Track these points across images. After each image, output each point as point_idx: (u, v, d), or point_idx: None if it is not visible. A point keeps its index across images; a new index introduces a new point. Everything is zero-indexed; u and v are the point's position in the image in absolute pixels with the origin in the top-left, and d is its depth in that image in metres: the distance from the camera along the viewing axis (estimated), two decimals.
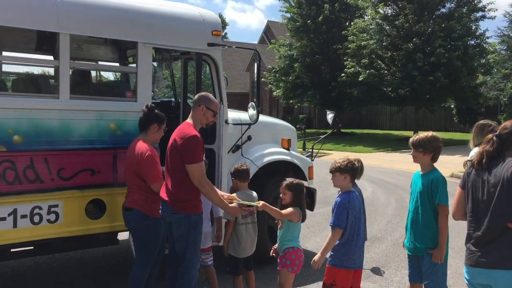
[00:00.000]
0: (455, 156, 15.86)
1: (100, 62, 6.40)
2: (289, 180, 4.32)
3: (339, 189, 4.04)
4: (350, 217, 3.89)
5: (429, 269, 3.92)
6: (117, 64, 6.52)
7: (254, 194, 4.75)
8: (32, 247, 4.71)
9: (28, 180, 4.34)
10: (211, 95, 4.23)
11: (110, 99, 5.05)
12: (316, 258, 3.88)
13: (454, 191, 3.31)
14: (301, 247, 4.38)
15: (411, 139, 4.07)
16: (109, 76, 8.47)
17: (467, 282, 3.12)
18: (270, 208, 4.18)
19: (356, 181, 4.19)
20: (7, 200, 4.25)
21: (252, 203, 4.24)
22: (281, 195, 4.29)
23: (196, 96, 4.18)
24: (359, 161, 4.15)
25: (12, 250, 4.59)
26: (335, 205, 3.94)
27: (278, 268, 4.33)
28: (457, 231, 6.56)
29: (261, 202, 4.17)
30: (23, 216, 4.34)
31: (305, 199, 4.38)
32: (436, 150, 3.99)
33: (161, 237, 4.41)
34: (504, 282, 2.89)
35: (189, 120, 4.08)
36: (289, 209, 4.19)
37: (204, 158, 3.97)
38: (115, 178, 4.79)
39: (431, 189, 3.89)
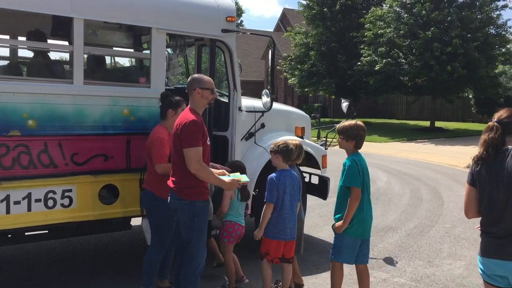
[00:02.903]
0: (470, 147, 15.66)
1: (114, 48, 6.40)
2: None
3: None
4: (280, 193, 4.45)
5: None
6: (131, 50, 6.51)
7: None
8: (46, 231, 4.77)
9: (42, 164, 4.38)
10: (201, 75, 4.17)
11: (123, 85, 5.04)
12: (256, 231, 4.54)
13: None
14: (240, 223, 4.89)
15: (337, 126, 4.37)
16: (124, 62, 8.49)
17: (481, 273, 3.09)
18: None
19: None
20: (21, 184, 4.29)
21: (244, 179, 4.32)
22: None
23: (187, 82, 4.09)
24: (296, 145, 4.72)
25: (26, 233, 4.66)
26: (267, 182, 4.49)
27: None
28: (472, 222, 6.48)
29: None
30: (37, 200, 4.39)
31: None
32: (357, 138, 4.23)
33: (175, 220, 4.43)
34: None
35: (190, 106, 4.02)
36: None
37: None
38: (128, 164, 4.81)
39: (342, 172, 4.21)
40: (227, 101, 5.64)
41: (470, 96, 28.68)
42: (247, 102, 5.92)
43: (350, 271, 5.59)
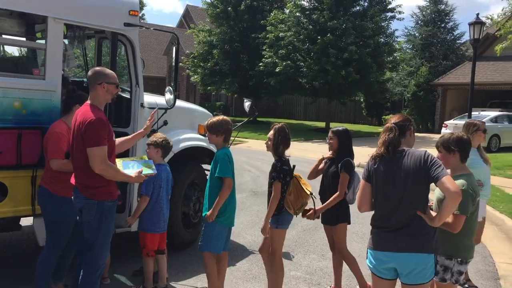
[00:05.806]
0: (362, 147, 16.74)
1: (4, 36, 5.94)
2: None
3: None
4: (156, 187, 4.64)
5: (203, 228, 4.43)
6: (24, 39, 6.08)
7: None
8: None
9: None
10: (103, 68, 4.03)
11: (15, 76, 4.70)
12: (128, 218, 4.82)
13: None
14: None
15: (205, 123, 4.49)
16: (15, 51, 7.89)
17: (371, 267, 3.32)
18: None
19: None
20: None
21: (151, 171, 4.21)
22: None
23: (89, 75, 3.87)
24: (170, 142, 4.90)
25: None
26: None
27: None
28: (362, 217, 6.97)
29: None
30: None
31: None
32: (226, 132, 4.40)
33: (74, 220, 4.23)
34: (411, 264, 3.15)
35: (91, 102, 3.83)
36: None
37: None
38: (19, 160, 4.50)
39: (215, 164, 4.33)
40: (129, 97, 5.51)
41: (362, 100, 30.75)
42: (149, 98, 5.82)
43: (250, 266, 5.74)
